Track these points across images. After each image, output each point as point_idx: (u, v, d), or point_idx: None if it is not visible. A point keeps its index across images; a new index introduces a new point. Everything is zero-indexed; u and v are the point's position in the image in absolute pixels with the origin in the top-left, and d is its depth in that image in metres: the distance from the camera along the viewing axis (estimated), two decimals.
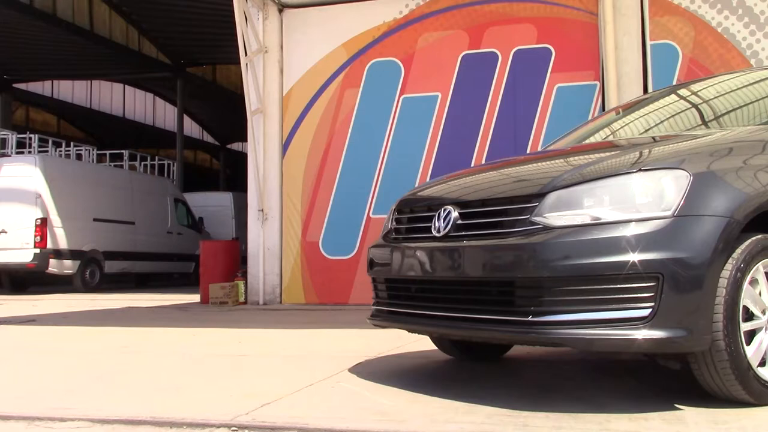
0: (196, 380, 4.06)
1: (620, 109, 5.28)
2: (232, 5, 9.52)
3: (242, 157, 12.15)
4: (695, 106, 4.58)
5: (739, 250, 2.94)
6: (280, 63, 10.30)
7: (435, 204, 3.61)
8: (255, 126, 10.13)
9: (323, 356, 4.84)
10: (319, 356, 4.87)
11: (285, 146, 10.22)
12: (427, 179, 9.20)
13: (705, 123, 4.27)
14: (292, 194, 10.15)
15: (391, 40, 9.95)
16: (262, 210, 10.12)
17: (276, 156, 10.22)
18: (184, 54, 23.49)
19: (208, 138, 34.79)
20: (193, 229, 18.57)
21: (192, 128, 32.17)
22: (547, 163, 3.84)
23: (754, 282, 3.01)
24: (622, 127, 4.76)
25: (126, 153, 21.34)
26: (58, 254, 14.43)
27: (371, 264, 3.97)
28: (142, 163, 23.16)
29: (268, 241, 10.12)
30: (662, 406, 3.02)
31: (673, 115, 4.58)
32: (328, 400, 3.39)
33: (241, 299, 10.23)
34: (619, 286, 2.83)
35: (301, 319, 7.83)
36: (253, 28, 10.14)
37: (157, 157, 24.41)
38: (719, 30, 8.74)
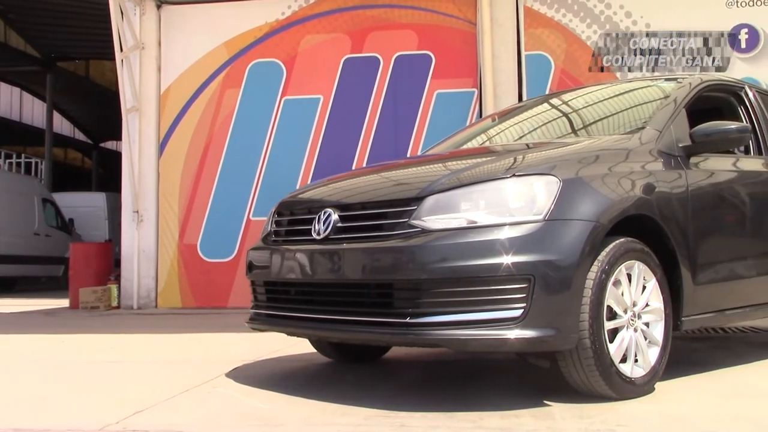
0: (64, 389, 3.88)
1: (496, 116, 5.45)
2: None
3: (116, 157, 11.76)
4: (566, 114, 4.80)
5: (604, 253, 3.10)
6: (158, 60, 9.99)
7: (315, 206, 3.61)
8: (130, 125, 9.79)
9: (200, 361, 4.73)
10: (195, 361, 4.76)
11: (162, 146, 9.93)
12: (309, 182, 9.17)
13: (575, 131, 4.48)
14: (169, 195, 9.87)
15: (273, 41, 9.86)
16: (137, 211, 9.78)
17: (152, 156, 9.91)
18: (54, 47, 22.36)
19: (80, 136, 33.28)
20: (62, 231, 17.68)
21: (63, 125, 30.67)
22: (426, 167, 3.92)
23: (617, 283, 3.18)
24: (498, 133, 4.93)
25: None
26: None
27: (250, 267, 3.92)
28: (7, 160, 22.03)
29: (143, 243, 9.79)
30: (532, 402, 3.13)
31: (545, 123, 4.78)
32: (204, 405, 3.32)
33: (114, 304, 9.85)
34: (493, 287, 2.91)
35: (177, 324, 7.63)
36: (130, 24, 9.80)
37: (23, 155, 23.23)
38: (588, 43, 9.17)
